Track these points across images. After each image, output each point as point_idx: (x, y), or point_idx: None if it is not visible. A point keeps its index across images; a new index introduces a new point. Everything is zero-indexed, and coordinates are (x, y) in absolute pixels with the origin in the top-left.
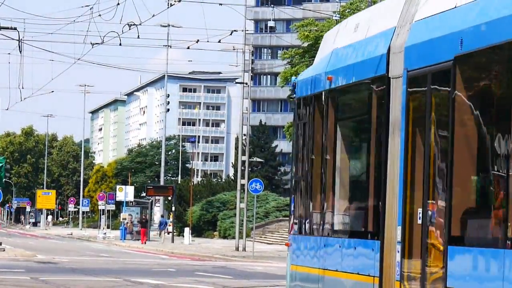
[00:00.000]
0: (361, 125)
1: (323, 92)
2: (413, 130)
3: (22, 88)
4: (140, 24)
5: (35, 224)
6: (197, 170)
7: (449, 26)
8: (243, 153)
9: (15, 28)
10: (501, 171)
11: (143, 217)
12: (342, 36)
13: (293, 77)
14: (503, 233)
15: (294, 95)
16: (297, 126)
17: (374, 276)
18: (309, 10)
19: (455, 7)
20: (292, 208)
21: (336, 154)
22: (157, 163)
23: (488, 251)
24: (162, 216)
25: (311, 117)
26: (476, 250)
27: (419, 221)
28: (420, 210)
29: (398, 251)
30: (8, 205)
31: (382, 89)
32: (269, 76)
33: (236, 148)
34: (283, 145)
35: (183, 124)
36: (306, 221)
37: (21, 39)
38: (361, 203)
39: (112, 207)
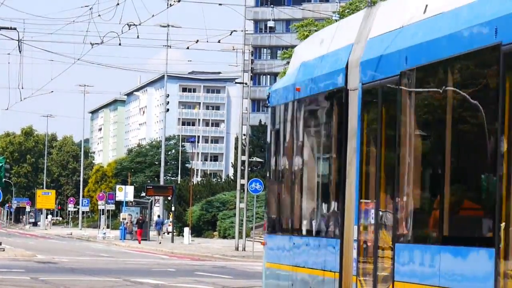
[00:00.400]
0: (324, 133)
1: (291, 102)
2: (367, 137)
3: (22, 88)
4: (139, 24)
5: (34, 224)
6: (197, 170)
7: (396, 44)
8: (243, 153)
9: (14, 28)
10: (440, 175)
11: (140, 217)
12: (310, 49)
13: (267, 88)
14: (440, 231)
15: (268, 104)
16: (270, 133)
17: (335, 272)
18: (309, 10)
19: (402, 26)
20: (267, 209)
21: (303, 160)
22: (156, 163)
23: (428, 247)
24: (158, 216)
25: (282, 125)
26: (418, 246)
27: (372, 221)
28: (373, 210)
29: (355, 249)
30: (8, 205)
31: (341, 100)
32: (268, 76)
33: (236, 148)
34: None
35: (183, 124)
36: (278, 221)
37: (21, 39)
38: (324, 204)
39: (111, 207)
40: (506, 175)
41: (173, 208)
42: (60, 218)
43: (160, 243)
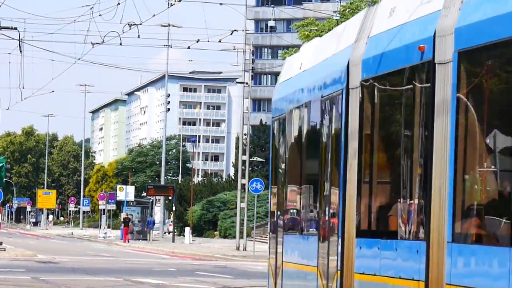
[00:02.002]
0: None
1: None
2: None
3: (23, 88)
4: (140, 24)
5: (35, 224)
6: (198, 169)
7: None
8: (244, 153)
9: (15, 28)
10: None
11: (126, 216)
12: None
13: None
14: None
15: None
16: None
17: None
18: (310, 10)
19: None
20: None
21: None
22: (157, 162)
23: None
24: (150, 216)
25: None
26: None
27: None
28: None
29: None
30: (8, 205)
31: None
32: (269, 76)
33: (237, 147)
34: None
35: (184, 123)
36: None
37: (22, 39)
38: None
39: (112, 206)
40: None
41: (174, 208)
42: (62, 218)
43: (150, 242)
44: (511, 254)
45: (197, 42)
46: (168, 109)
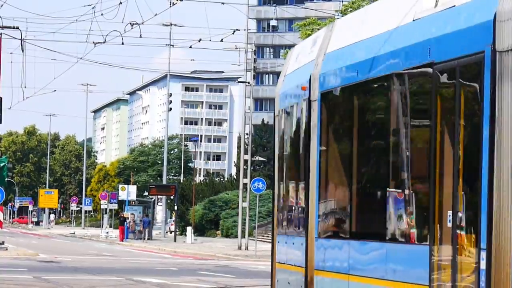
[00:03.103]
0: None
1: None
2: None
3: (25, 87)
4: (142, 23)
5: (37, 223)
6: (200, 169)
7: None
8: (246, 152)
9: (17, 27)
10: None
11: (121, 214)
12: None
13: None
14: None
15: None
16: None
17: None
18: (312, 9)
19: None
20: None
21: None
22: (159, 162)
23: (288, 237)
24: (146, 216)
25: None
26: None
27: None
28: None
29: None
30: (10, 204)
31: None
32: (271, 75)
33: (239, 147)
34: None
35: (186, 123)
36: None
37: (24, 39)
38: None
39: (114, 206)
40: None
41: (175, 207)
42: (63, 218)
43: (146, 241)
44: (350, 245)
45: (199, 41)
46: (170, 109)
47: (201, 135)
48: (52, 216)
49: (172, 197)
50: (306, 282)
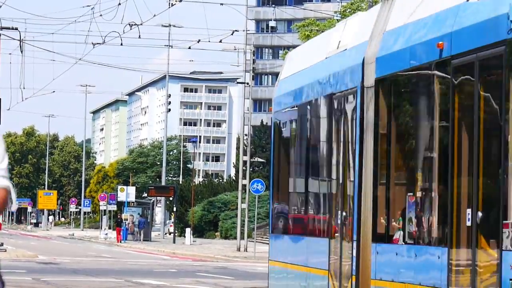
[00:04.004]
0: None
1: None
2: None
3: (24, 88)
4: (141, 24)
5: (36, 224)
6: (199, 170)
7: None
8: (245, 153)
9: (16, 28)
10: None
11: (119, 216)
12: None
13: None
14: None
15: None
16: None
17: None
18: (310, 10)
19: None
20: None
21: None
22: (158, 163)
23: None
24: (141, 216)
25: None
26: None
27: None
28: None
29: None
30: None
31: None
32: (270, 76)
33: (238, 148)
34: None
35: (185, 124)
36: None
37: (23, 39)
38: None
39: (113, 207)
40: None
41: (174, 209)
42: (62, 219)
43: (141, 241)
44: (306, 241)
45: (198, 42)
46: (169, 110)
47: (200, 136)
48: (50, 217)
49: (171, 198)
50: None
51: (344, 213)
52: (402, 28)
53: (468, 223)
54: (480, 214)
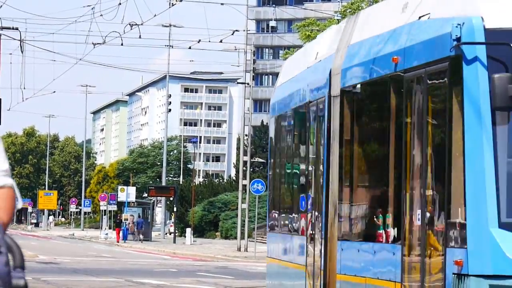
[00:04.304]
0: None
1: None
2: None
3: (24, 88)
4: (141, 24)
5: (36, 224)
6: (199, 170)
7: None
8: (245, 154)
9: (16, 28)
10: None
11: (118, 217)
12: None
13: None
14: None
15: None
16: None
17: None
18: (311, 10)
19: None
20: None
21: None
22: (158, 163)
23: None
24: (139, 217)
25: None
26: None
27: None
28: None
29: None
30: None
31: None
32: (270, 76)
33: (238, 148)
34: None
35: (185, 124)
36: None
37: (23, 39)
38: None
39: (113, 207)
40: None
41: (175, 209)
42: (63, 219)
43: (141, 241)
44: (290, 238)
45: (198, 42)
46: (169, 110)
47: (201, 136)
48: (51, 217)
49: (171, 199)
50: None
51: (316, 213)
52: (364, 42)
53: (418, 223)
54: (428, 214)
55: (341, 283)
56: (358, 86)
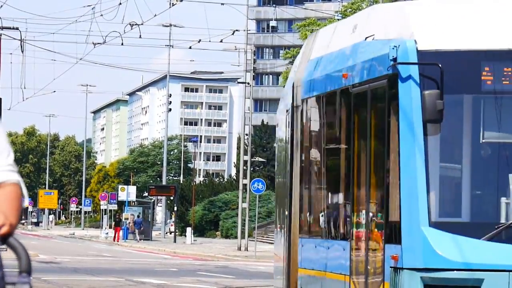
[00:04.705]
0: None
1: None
2: None
3: (24, 88)
4: (142, 24)
5: (37, 224)
6: (199, 170)
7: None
8: (245, 153)
9: (17, 28)
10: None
11: (117, 216)
12: None
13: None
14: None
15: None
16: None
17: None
18: (311, 9)
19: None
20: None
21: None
22: (159, 163)
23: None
24: (138, 217)
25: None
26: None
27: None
28: None
29: None
30: None
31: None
32: (271, 76)
33: (238, 148)
34: None
35: (185, 124)
36: None
37: (23, 39)
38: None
39: (114, 207)
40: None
41: (175, 208)
42: (63, 218)
43: (138, 241)
44: (278, 234)
45: (199, 42)
46: (170, 109)
47: (201, 136)
48: (51, 217)
49: (171, 198)
50: None
51: (286, 212)
52: (322, 58)
53: (364, 222)
54: (371, 214)
55: (302, 276)
56: (316, 97)
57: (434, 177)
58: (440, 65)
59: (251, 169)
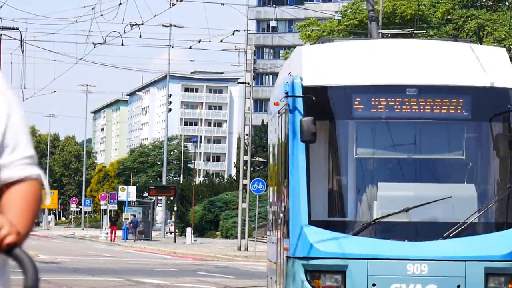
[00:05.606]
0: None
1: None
2: None
3: (24, 88)
4: (142, 24)
5: (36, 224)
6: (199, 170)
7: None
8: (245, 153)
9: (17, 28)
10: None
11: (113, 216)
12: None
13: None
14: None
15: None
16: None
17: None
18: (311, 10)
19: None
20: None
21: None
22: (159, 163)
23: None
24: (134, 216)
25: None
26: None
27: None
28: None
29: None
30: None
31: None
32: (271, 76)
33: (238, 148)
34: None
35: (185, 124)
36: None
37: (23, 39)
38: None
39: (114, 207)
40: None
41: (175, 208)
42: (63, 218)
43: (134, 241)
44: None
45: (199, 42)
46: (170, 110)
47: (201, 136)
48: (51, 217)
49: (171, 198)
50: None
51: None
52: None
53: (279, 221)
54: (281, 215)
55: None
56: (271, 119)
57: (314, 184)
58: (314, 98)
59: (251, 169)
